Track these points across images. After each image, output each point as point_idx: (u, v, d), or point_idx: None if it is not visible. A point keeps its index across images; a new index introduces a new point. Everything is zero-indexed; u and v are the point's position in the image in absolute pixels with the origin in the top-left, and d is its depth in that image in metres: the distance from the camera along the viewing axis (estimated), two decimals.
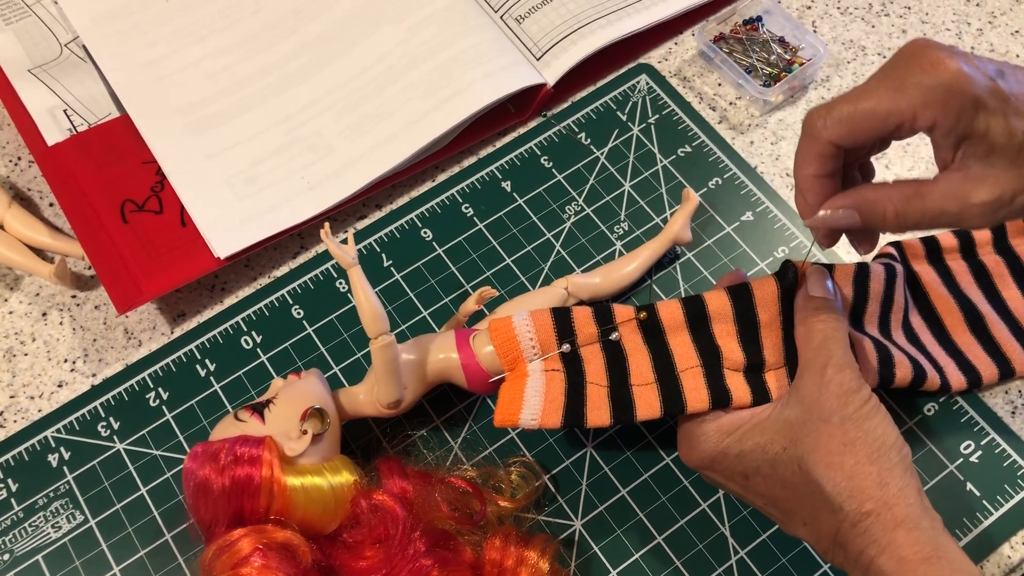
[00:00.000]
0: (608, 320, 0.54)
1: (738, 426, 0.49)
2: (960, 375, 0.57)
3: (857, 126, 0.43)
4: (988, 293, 0.61)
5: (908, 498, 0.44)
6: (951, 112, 0.41)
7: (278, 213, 0.64)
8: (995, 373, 0.58)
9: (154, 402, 0.61)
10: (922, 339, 0.59)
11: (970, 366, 0.58)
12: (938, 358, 0.58)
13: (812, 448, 0.45)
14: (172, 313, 0.65)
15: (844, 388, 0.46)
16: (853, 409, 0.46)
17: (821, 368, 0.47)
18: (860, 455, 0.45)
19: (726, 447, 0.49)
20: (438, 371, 0.56)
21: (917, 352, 0.57)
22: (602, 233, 0.66)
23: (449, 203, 0.68)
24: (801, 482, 0.46)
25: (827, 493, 0.44)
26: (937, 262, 0.62)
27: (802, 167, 0.46)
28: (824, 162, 0.45)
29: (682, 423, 0.53)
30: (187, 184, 0.66)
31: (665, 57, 0.74)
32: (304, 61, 0.71)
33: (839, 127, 0.44)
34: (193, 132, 0.68)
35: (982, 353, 0.59)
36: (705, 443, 0.50)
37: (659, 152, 0.69)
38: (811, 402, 0.47)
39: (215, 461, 0.50)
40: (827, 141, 0.44)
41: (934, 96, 0.41)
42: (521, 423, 0.52)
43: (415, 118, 0.67)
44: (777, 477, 0.47)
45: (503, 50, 0.70)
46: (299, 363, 0.62)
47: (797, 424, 0.47)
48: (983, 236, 0.62)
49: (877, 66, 0.72)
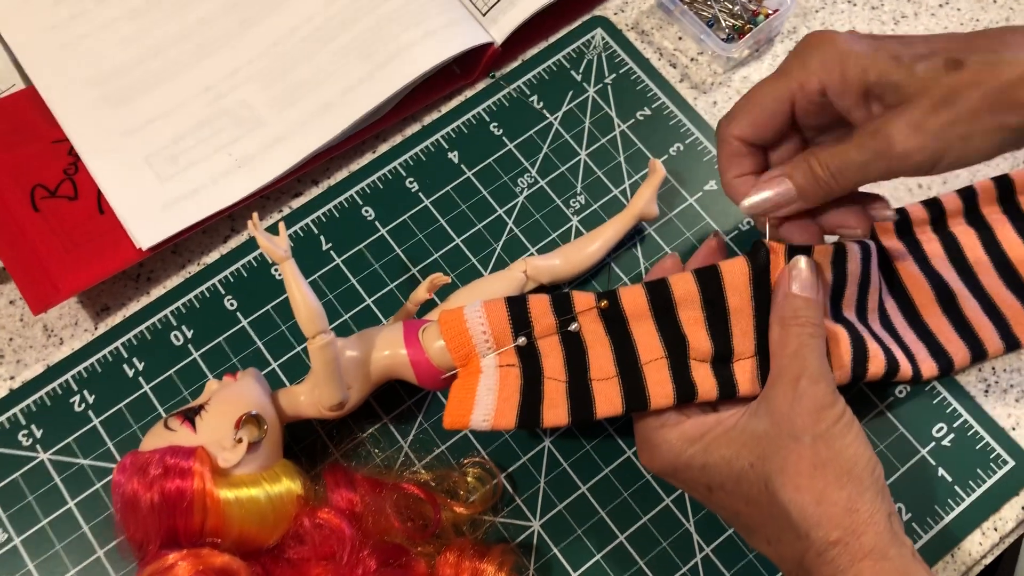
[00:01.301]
0: (567, 309, 0.51)
1: (702, 434, 0.46)
2: (932, 362, 0.55)
3: (754, 115, 0.47)
4: (959, 268, 0.58)
5: (878, 525, 0.41)
6: (836, 70, 0.43)
7: (204, 195, 0.59)
8: (967, 356, 0.56)
9: (79, 406, 0.57)
10: (894, 322, 0.56)
11: (942, 351, 0.55)
12: (910, 343, 0.55)
13: (780, 468, 0.43)
14: (95, 307, 0.60)
15: (817, 403, 0.43)
16: (825, 427, 0.43)
17: (794, 379, 0.44)
18: (830, 478, 0.42)
19: (689, 458, 0.46)
20: (385, 368, 0.52)
21: (890, 339, 0.54)
22: (557, 208, 0.61)
23: (392, 177, 0.63)
24: (767, 502, 0.43)
25: (793, 518, 0.42)
26: (907, 235, 0.58)
27: (724, 172, 0.49)
28: (740, 161, 0.48)
29: (641, 424, 0.49)
30: (103, 165, 0.60)
31: (621, 8, 0.68)
32: (226, 22, 0.64)
33: (740, 121, 0.47)
34: (107, 105, 0.62)
35: (954, 335, 0.56)
36: (667, 452, 0.47)
37: (617, 116, 0.64)
38: (781, 416, 0.44)
39: (143, 474, 0.47)
40: (734, 137, 0.48)
41: (818, 63, 0.44)
42: (472, 425, 0.48)
43: (350, 85, 0.62)
44: (741, 493, 0.44)
45: (445, 6, 0.64)
46: (234, 359, 0.58)
47: (765, 439, 0.44)
48: (954, 206, 0.59)
49: (847, 14, 0.68)
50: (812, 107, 0.46)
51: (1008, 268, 0.58)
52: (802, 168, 0.45)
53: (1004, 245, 0.58)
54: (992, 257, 0.58)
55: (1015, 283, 0.58)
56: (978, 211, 0.59)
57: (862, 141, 0.43)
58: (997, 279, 0.58)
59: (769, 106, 0.46)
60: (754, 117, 0.47)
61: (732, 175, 0.48)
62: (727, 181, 0.49)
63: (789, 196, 0.46)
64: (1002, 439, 0.55)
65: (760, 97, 0.47)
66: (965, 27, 0.67)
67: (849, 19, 0.67)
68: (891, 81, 0.42)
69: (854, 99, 0.44)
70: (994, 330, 0.56)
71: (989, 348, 0.56)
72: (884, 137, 0.42)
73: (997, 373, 0.57)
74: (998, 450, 0.55)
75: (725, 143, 0.48)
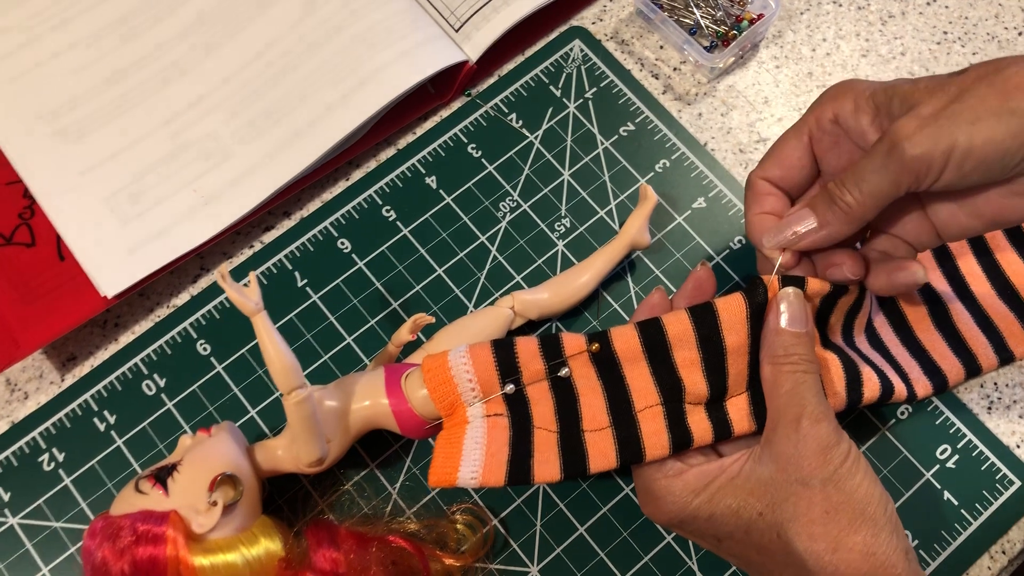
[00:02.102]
0: (557, 353, 0.48)
1: (706, 484, 0.44)
2: (926, 380, 0.53)
3: (778, 157, 0.47)
4: (952, 279, 0.56)
5: (896, 567, 0.40)
6: (847, 96, 0.44)
7: (171, 236, 0.56)
8: (961, 373, 0.54)
9: (48, 465, 0.54)
10: (885, 340, 0.54)
11: (935, 368, 0.54)
12: (902, 361, 0.53)
13: (792, 516, 0.41)
14: (60, 357, 0.57)
15: (821, 444, 0.41)
16: (833, 468, 0.41)
17: (795, 421, 0.42)
18: (844, 523, 0.40)
19: (695, 509, 0.44)
20: (366, 419, 0.50)
21: (881, 360, 0.52)
22: (542, 232, 0.59)
23: (367, 206, 0.60)
24: (780, 550, 0.41)
25: (810, 568, 0.40)
26: None
27: (748, 211, 0.48)
28: (765, 200, 0.47)
29: (640, 474, 0.47)
30: (61, 208, 0.57)
31: (600, 17, 0.65)
32: (186, 48, 0.61)
33: (764, 164, 0.47)
34: (62, 142, 0.58)
35: (948, 351, 0.54)
36: (671, 504, 0.45)
37: (599, 132, 0.61)
38: (786, 460, 0.42)
39: (114, 541, 0.44)
40: (760, 179, 0.47)
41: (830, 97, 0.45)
42: (460, 483, 0.46)
43: (321, 113, 0.58)
44: (752, 543, 0.42)
45: (417, 24, 0.61)
46: (210, 408, 0.55)
47: (773, 485, 0.42)
48: None
49: (833, 15, 0.65)
50: (827, 138, 0.45)
51: (1001, 278, 0.56)
52: (822, 195, 0.44)
53: (997, 255, 0.57)
54: (985, 267, 0.56)
55: (1008, 294, 0.56)
56: None
57: (873, 149, 0.41)
58: (990, 289, 0.56)
59: (791, 145, 0.46)
60: (778, 159, 0.47)
61: (755, 212, 0.47)
62: (750, 219, 0.47)
63: (811, 226, 0.44)
64: (1007, 459, 0.53)
65: (782, 141, 0.47)
66: (954, 24, 0.65)
67: (835, 20, 0.65)
68: (900, 91, 0.41)
69: (865, 119, 0.43)
70: (988, 344, 0.55)
71: (983, 363, 0.54)
72: (891, 136, 0.40)
73: (1000, 389, 0.55)
74: (1004, 470, 0.53)
75: (751, 186, 0.48)
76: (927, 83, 0.41)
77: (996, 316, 0.55)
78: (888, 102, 0.42)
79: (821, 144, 0.46)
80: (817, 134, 0.45)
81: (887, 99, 0.42)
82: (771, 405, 0.44)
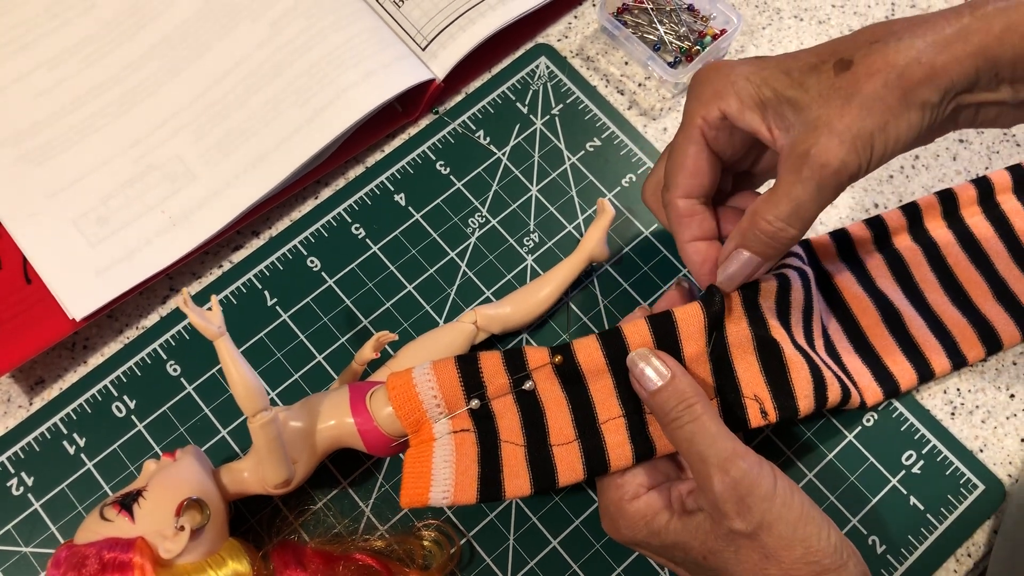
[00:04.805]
0: (521, 367, 0.49)
1: (656, 513, 0.45)
2: (877, 387, 0.54)
3: (680, 167, 0.46)
4: (905, 287, 0.57)
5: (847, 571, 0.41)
6: (729, 93, 0.43)
7: (139, 258, 0.56)
8: (914, 378, 0.55)
9: (17, 489, 0.54)
10: (838, 347, 0.55)
11: (887, 374, 0.55)
12: (854, 371, 0.54)
13: (733, 563, 0.42)
14: (28, 380, 0.57)
15: (740, 494, 0.41)
16: (759, 517, 0.41)
17: (708, 478, 0.42)
18: (785, 563, 0.41)
19: (648, 536, 0.45)
20: (332, 439, 0.50)
21: (836, 367, 0.53)
22: (511, 247, 0.59)
23: (336, 224, 0.60)
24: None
25: None
26: (849, 258, 0.58)
27: (677, 237, 0.48)
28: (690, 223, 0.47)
29: (602, 493, 0.48)
30: (27, 231, 0.56)
31: (565, 34, 0.66)
32: (151, 70, 0.61)
33: (677, 180, 0.47)
34: (28, 165, 0.58)
35: (901, 357, 0.55)
36: (626, 528, 0.46)
37: (566, 148, 0.62)
38: (714, 508, 0.42)
39: (79, 570, 0.44)
40: (679, 198, 0.47)
41: (711, 94, 0.44)
42: (432, 502, 0.46)
43: (287, 133, 0.59)
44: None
45: (383, 43, 0.61)
46: (181, 429, 0.55)
47: (710, 535, 0.43)
48: (897, 223, 0.58)
49: (794, 30, 0.66)
50: (722, 135, 0.45)
51: (954, 284, 0.57)
52: (752, 234, 0.44)
53: (950, 261, 0.58)
54: (937, 273, 0.57)
55: (961, 300, 0.57)
56: (922, 227, 0.58)
57: (795, 174, 0.41)
58: (943, 296, 0.57)
59: (692, 153, 0.46)
60: (686, 171, 0.46)
61: (685, 239, 0.47)
62: (681, 247, 0.48)
63: (753, 264, 0.45)
64: (971, 463, 0.54)
65: (680, 151, 0.46)
66: None
67: (797, 34, 0.66)
68: (787, 96, 0.42)
69: (755, 117, 0.43)
70: (941, 349, 0.56)
71: (936, 368, 0.55)
72: (818, 160, 0.40)
73: (963, 395, 0.56)
74: (968, 475, 0.54)
75: (673, 208, 0.47)
76: (815, 82, 0.41)
77: (949, 322, 0.56)
78: (777, 105, 0.42)
79: (717, 141, 0.45)
80: (710, 133, 0.45)
81: (775, 101, 0.42)
82: (683, 459, 0.46)
